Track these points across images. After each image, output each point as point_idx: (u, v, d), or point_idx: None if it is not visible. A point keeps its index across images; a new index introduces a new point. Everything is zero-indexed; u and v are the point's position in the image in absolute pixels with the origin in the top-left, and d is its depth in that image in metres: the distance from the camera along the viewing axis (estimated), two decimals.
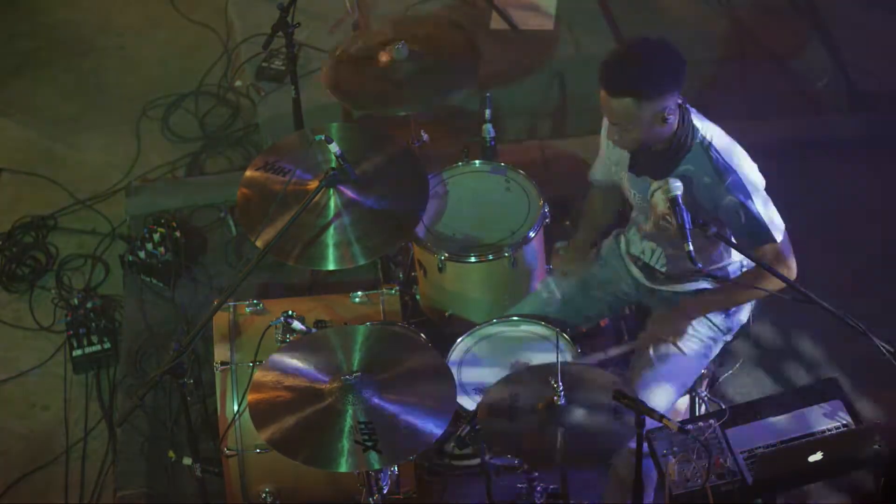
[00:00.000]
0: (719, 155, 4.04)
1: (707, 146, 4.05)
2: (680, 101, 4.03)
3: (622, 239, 4.52)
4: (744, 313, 4.39)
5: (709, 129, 4.08)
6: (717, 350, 4.38)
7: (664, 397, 4.26)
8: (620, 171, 4.29)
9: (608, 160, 4.36)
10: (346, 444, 3.78)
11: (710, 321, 4.33)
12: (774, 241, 4.07)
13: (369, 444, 3.77)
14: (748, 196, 4.02)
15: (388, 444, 3.79)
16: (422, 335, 4.47)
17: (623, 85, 3.91)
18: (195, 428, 4.46)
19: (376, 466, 3.81)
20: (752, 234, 4.07)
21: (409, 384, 3.98)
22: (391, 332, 4.31)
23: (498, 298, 4.65)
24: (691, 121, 4.05)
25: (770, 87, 6.05)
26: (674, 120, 4.00)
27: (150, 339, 5.29)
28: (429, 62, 4.77)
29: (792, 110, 6.01)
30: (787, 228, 4.12)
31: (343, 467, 3.77)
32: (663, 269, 4.35)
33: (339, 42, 5.00)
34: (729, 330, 4.38)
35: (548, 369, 3.88)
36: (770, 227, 4.05)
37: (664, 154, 4.07)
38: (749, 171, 4.06)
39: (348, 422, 3.83)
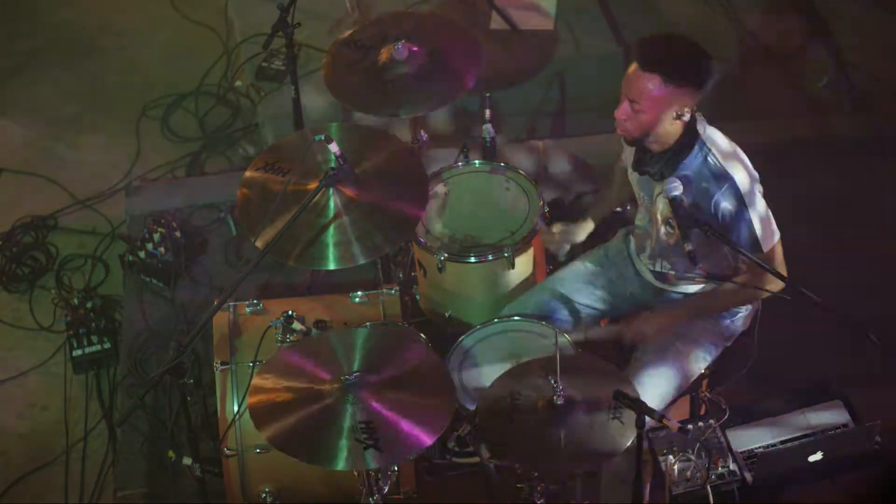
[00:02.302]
0: (717, 161, 4.05)
1: (707, 152, 4.06)
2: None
3: (630, 239, 4.51)
4: (745, 321, 4.39)
5: (710, 135, 4.09)
6: (716, 355, 4.38)
7: (660, 397, 4.26)
8: (630, 170, 4.29)
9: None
10: (345, 442, 3.78)
11: (714, 327, 4.33)
12: (761, 251, 4.08)
13: (369, 442, 3.78)
14: (743, 204, 4.03)
15: (388, 444, 3.79)
16: (422, 335, 4.47)
17: (658, 59, 3.94)
18: (195, 428, 4.46)
19: (373, 466, 3.81)
20: (746, 242, 4.07)
21: (409, 384, 3.98)
22: (391, 333, 4.30)
23: (498, 299, 4.65)
24: (695, 127, 4.07)
25: (770, 87, 6.05)
26: (680, 126, 4.02)
27: (150, 339, 5.29)
28: (428, 63, 4.76)
29: (792, 110, 6.02)
30: (786, 228, 4.12)
31: (341, 465, 3.77)
32: (672, 272, 4.35)
33: (337, 35, 4.99)
34: (731, 336, 4.39)
35: (547, 366, 3.88)
36: (762, 237, 4.07)
37: (664, 155, 4.09)
38: (745, 179, 4.07)
39: (348, 421, 3.83)
